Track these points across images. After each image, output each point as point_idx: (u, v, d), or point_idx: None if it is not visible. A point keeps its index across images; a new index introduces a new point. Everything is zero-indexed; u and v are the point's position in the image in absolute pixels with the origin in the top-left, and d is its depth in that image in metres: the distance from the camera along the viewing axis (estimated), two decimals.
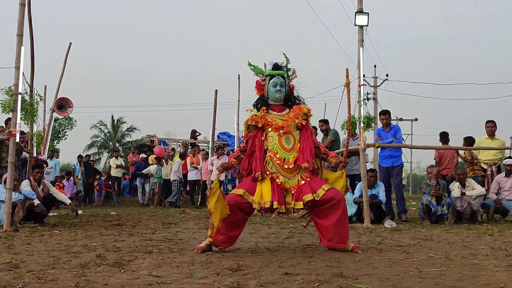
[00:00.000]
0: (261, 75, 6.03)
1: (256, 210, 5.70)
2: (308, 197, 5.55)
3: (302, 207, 5.67)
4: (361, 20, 10.24)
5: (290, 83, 6.06)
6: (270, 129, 5.78)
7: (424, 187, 10.27)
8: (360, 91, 10.12)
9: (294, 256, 5.22)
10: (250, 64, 6.07)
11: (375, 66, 37.34)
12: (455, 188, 10.28)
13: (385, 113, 11.61)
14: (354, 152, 11.27)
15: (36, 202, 9.43)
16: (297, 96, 6.08)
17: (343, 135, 12.68)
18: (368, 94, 33.69)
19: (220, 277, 3.98)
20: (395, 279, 3.85)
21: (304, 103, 6.05)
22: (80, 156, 21.78)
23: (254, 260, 4.95)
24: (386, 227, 9.08)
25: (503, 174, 10.94)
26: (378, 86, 36.42)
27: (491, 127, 12.08)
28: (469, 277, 3.94)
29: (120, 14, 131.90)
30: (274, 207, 5.54)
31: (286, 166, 5.68)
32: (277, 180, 5.65)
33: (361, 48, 10.22)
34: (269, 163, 5.74)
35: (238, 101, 18.50)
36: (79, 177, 19.96)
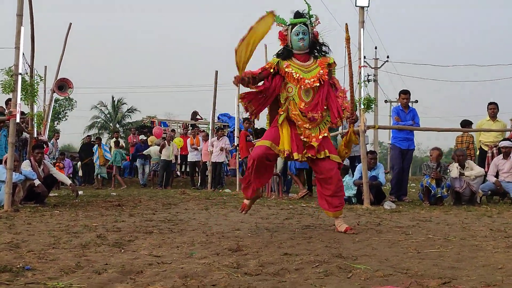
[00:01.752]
0: (283, 25, 5.86)
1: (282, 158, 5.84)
2: (325, 153, 5.72)
3: (320, 156, 5.72)
4: (362, 1, 10.18)
5: (314, 30, 5.90)
6: (288, 79, 5.73)
7: (425, 169, 10.27)
8: (360, 72, 10.08)
9: (294, 237, 5.23)
10: (270, 13, 5.78)
11: (375, 48, 37.28)
12: (453, 168, 10.28)
13: (406, 93, 11.50)
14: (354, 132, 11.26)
15: (37, 182, 9.44)
16: (323, 42, 5.95)
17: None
18: (368, 75, 33.66)
19: (220, 257, 3.99)
20: (394, 260, 3.86)
21: (330, 51, 5.95)
22: (98, 138, 21.86)
23: (254, 241, 4.96)
24: (385, 208, 9.09)
25: (500, 156, 10.92)
26: (379, 67, 36.37)
27: (493, 109, 12.05)
28: (467, 258, 3.95)
29: None
30: (295, 158, 5.68)
31: (303, 117, 5.69)
32: (297, 124, 5.72)
33: (362, 29, 10.17)
34: (288, 111, 5.76)
35: (238, 90, 18.41)
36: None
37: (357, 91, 10.03)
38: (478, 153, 12.78)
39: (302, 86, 5.68)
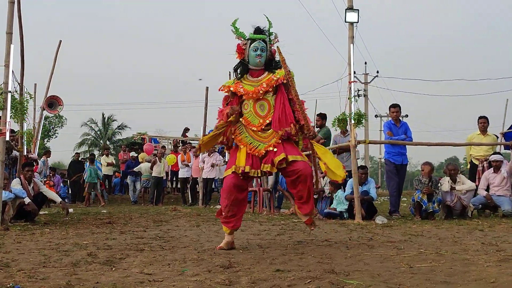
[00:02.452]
0: (242, 39, 5.89)
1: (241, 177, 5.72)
2: (280, 156, 5.55)
3: (269, 169, 5.64)
4: (352, 17, 10.25)
5: (272, 47, 5.93)
6: (244, 97, 5.80)
7: (417, 184, 10.29)
8: (351, 87, 10.12)
9: (286, 253, 5.22)
10: (233, 24, 5.91)
11: (365, 63, 37.52)
12: (445, 182, 10.31)
13: (396, 106, 11.43)
14: (345, 148, 11.29)
15: (27, 200, 9.40)
16: (279, 61, 5.95)
17: (333, 132, 12.71)
18: (358, 91, 33.78)
19: (211, 274, 3.98)
20: (386, 275, 3.86)
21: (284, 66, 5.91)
22: (92, 155, 21.60)
23: (246, 257, 4.95)
24: (377, 223, 9.10)
25: (491, 170, 10.97)
26: (369, 82, 36.53)
27: (483, 123, 12.07)
28: (459, 272, 3.95)
29: (110, 13, 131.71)
30: (246, 171, 5.60)
31: (258, 131, 5.73)
32: (247, 147, 5.71)
33: (351, 45, 10.23)
34: (242, 132, 5.79)
35: None
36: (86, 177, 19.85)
37: (348, 106, 10.08)
38: (468, 167, 12.82)
39: (255, 99, 5.76)
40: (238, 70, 5.93)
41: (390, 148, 11.47)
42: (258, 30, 5.89)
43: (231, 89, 5.83)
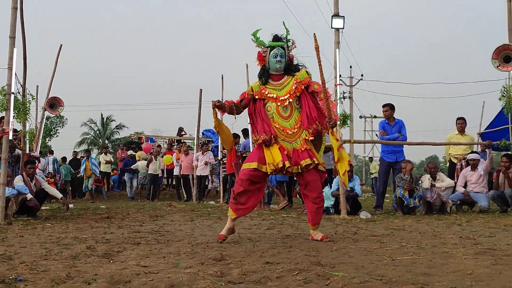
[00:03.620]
0: (262, 47, 6.01)
1: (269, 172, 5.81)
2: (306, 161, 5.69)
3: (299, 170, 5.74)
4: (337, 23, 10.26)
5: (290, 53, 6.05)
6: (266, 99, 5.90)
7: (398, 181, 10.31)
8: (336, 90, 10.14)
9: (275, 246, 5.22)
10: (254, 35, 6.04)
11: (350, 67, 37.59)
12: (425, 180, 10.34)
13: (385, 106, 11.30)
14: (331, 147, 11.28)
15: (29, 196, 9.36)
16: (297, 64, 6.09)
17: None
18: (344, 93, 33.78)
19: (204, 267, 3.97)
20: (369, 267, 3.87)
21: (302, 67, 6.07)
22: (87, 151, 21.31)
23: (237, 250, 4.94)
24: (361, 218, 9.11)
25: (468, 168, 11.03)
26: (354, 85, 36.51)
27: (461, 124, 12.13)
28: (439, 264, 3.97)
29: (109, 16, 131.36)
30: (286, 166, 5.66)
31: (284, 132, 5.82)
32: (279, 143, 5.80)
33: (337, 50, 10.24)
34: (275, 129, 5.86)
35: (222, 99, 18.49)
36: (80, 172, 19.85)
37: None
38: (447, 165, 12.87)
39: (279, 104, 5.84)
40: (262, 77, 6.01)
41: (384, 147, 11.39)
42: (276, 38, 6.02)
43: (255, 95, 5.96)
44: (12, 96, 8.63)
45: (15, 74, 8.86)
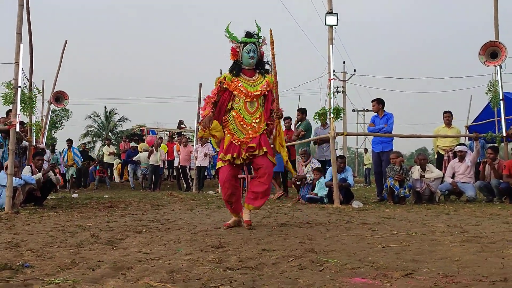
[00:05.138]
0: (236, 42, 6.09)
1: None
2: (252, 145, 5.85)
3: (245, 157, 5.89)
4: (331, 20, 10.24)
5: (261, 49, 6.15)
6: (237, 93, 5.97)
7: (389, 171, 10.32)
8: (330, 85, 10.14)
9: (271, 234, 5.23)
10: (227, 30, 6.09)
11: (344, 62, 37.57)
12: (415, 171, 10.36)
13: (373, 101, 11.37)
14: (325, 140, 11.31)
15: (38, 176, 9.43)
16: (266, 61, 6.21)
17: (314, 125, 12.73)
18: (337, 87, 33.84)
19: (203, 254, 3.97)
20: (361, 254, 3.87)
21: (271, 69, 6.21)
22: (69, 141, 19.82)
23: (235, 238, 4.95)
24: (354, 207, 9.12)
25: (456, 159, 11.07)
26: (347, 80, 36.52)
27: (448, 117, 12.17)
28: (427, 251, 3.98)
29: (112, 11, 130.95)
30: (230, 160, 5.85)
31: (245, 126, 5.93)
32: (234, 137, 5.93)
33: (331, 46, 10.23)
34: (231, 122, 5.97)
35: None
36: (65, 161, 18.79)
37: (327, 102, 10.11)
38: (435, 156, 12.90)
39: (248, 99, 5.96)
40: (234, 70, 6.07)
41: (373, 138, 11.58)
42: (249, 34, 6.10)
43: (227, 86, 5.99)
44: (19, 90, 8.62)
45: (22, 68, 8.85)
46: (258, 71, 6.13)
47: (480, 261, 3.48)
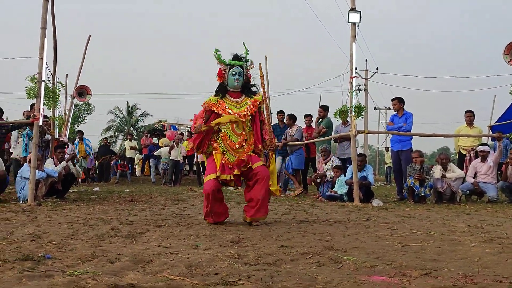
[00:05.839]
0: (223, 64, 6.12)
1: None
2: (243, 158, 5.85)
3: (239, 173, 5.85)
4: (354, 17, 10.19)
5: (248, 72, 6.18)
6: (224, 114, 5.97)
7: (410, 170, 10.26)
8: (352, 82, 10.10)
9: (290, 231, 5.23)
10: (216, 52, 6.12)
11: (366, 60, 37.37)
12: (436, 170, 10.29)
13: (393, 99, 11.33)
14: (346, 137, 11.26)
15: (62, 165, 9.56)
16: (253, 84, 6.25)
17: (336, 122, 12.69)
18: (359, 85, 33.62)
19: (222, 249, 3.99)
20: (380, 252, 3.86)
21: (258, 90, 6.27)
22: (80, 132, 19.54)
23: (254, 234, 4.96)
24: (373, 205, 9.09)
25: (478, 159, 10.95)
26: (369, 78, 36.29)
27: (469, 117, 12.06)
28: (447, 251, 3.95)
29: (135, 8, 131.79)
30: (221, 178, 5.83)
31: (234, 147, 5.94)
32: (224, 156, 5.93)
33: (353, 43, 10.18)
34: (220, 144, 5.98)
35: None
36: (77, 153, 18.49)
37: (349, 99, 10.07)
38: (457, 156, 12.78)
39: (233, 120, 5.95)
40: (220, 92, 6.12)
41: (392, 137, 11.53)
42: (236, 57, 6.16)
43: (213, 108, 6.02)
44: (43, 84, 8.70)
45: (46, 63, 8.93)
46: (244, 93, 6.16)
47: (500, 262, 3.44)
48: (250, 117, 6.06)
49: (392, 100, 11.38)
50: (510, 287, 2.73)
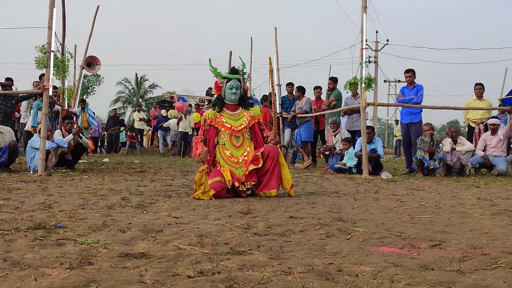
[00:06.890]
0: (220, 78, 6.18)
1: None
2: (252, 166, 5.83)
3: (251, 186, 5.86)
4: None
5: (245, 85, 6.27)
6: (222, 129, 6.05)
7: (419, 143, 10.23)
8: (362, 54, 10.01)
9: (299, 202, 5.25)
10: (210, 66, 6.21)
11: (376, 32, 36.87)
12: (446, 143, 10.26)
13: (408, 71, 11.19)
14: (356, 110, 11.22)
15: (69, 137, 9.61)
16: (251, 96, 6.24)
17: (345, 95, 12.64)
18: (369, 57, 33.39)
19: (232, 219, 4.02)
20: (389, 224, 3.87)
21: (256, 102, 6.28)
22: (82, 101, 18.31)
23: (263, 205, 4.98)
24: (382, 178, 9.10)
25: (488, 132, 10.90)
26: (379, 50, 36.03)
27: (479, 89, 11.97)
28: (456, 223, 3.95)
29: None
30: (236, 186, 5.75)
31: (233, 160, 5.99)
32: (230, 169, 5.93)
33: (364, 14, 10.07)
34: (219, 157, 6.03)
35: (250, 61, 18.58)
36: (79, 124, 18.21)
37: (359, 71, 10.00)
38: (466, 129, 12.73)
39: (232, 133, 6.04)
40: (217, 106, 6.18)
41: (402, 110, 11.45)
42: (233, 70, 6.26)
43: (212, 123, 6.09)
44: (52, 54, 8.71)
45: (55, 33, 8.92)
46: (241, 106, 6.19)
47: (509, 234, 3.44)
48: (248, 130, 6.14)
49: (407, 71, 11.22)
50: None
